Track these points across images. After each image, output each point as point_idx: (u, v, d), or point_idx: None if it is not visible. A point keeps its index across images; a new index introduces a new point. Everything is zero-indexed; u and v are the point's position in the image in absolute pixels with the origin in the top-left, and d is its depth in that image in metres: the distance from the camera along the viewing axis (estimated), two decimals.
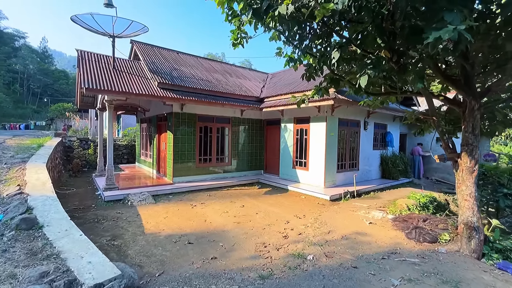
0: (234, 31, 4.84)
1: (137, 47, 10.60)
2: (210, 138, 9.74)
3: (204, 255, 3.96)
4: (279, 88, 10.83)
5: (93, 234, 4.54)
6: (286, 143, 9.99)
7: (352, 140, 9.66)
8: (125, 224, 5.20)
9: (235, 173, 10.40)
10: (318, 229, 5.17)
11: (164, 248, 4.17)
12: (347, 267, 3.62)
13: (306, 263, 3.73)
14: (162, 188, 7.95)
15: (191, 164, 9.16)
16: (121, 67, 8.82)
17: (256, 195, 8.09)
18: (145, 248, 4.15)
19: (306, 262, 3.76)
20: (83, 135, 18.87)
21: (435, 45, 2.60)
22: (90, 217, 5.54)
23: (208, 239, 4.60)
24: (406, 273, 3.43)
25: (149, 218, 5.60)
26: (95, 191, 7.95)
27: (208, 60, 13.76)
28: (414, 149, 12.15)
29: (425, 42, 2.59)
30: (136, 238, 4.55)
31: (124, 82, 7.77)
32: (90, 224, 5.11)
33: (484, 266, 3.61)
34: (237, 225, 5.37)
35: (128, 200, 6.76)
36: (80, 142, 12.99)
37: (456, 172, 4.22)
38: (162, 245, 4.28)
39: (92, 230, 4.77)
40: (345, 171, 9.30)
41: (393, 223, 5.13)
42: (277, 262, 3.78)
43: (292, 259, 3.86)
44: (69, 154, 11.92)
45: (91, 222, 5.22)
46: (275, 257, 3.97)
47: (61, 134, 13.64)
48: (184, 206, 6.61)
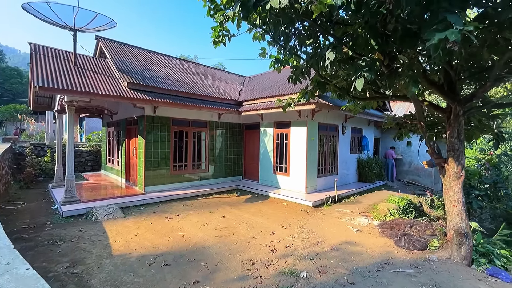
0: (216, 28, 4.44)
1: (104, 43, 9.66)
2: (186, 143, 9.12)
3: (184, 279, 3.46)
4: (258, 92, 10.56)
5: (46, 261, 3.80)
6: (266, 148, 9.70)
7: (331, 144, 9.68)
8: (88, 245, 4.47)
9: (213, 180, 9.86)
10: (306, 239, 4.89)
11: (137, 273, 3.58)
12: (343, 283, 3.36)
13: (300, 282, 3.40)
14: (133, 199, 7.18)
15: (165, 172, 8.46)
16: (84, 64, 7.90)
17: (236, 203, 7.65)
18: (113, 274, 3.53)
19: (299, 280, 3.44)
20: (38, 140, 16.89)
21: (438, 46, 2.46)
22: (43, 238, 4.70)
23: (188, 259, 4.09)
24: (404, 287, 3.25)
25: (117, 236, 4.91)
26: (51, 205, 6.93)
27: (183, 61, 13.09)
28: (387, 153, 12.60)
29: (428, 43, 2.45)
30: (101, 262, 3.89)
31: (88, 82, 6.93)
32: (44, 248, 4.30)
33: (477, 273, 3.58)
34: (219, 239, 4.90)
35: (92, 214, 5.95)
36: (35, 148, 11.51)
37: (443, 178, 4.21)
38: (134, 270, 3.69)
39: (45, 256, 4.00)
40: (325, 176, 9.25)
41: (380, 230, 5.04)
42: (268, 283, 3.40)
43: (284, 278, 3.51)
44: (20, 162, 10.47)
45: (45, 245, 4.41)
46: (265, 276, 3.60)
47: (11, 139, 12.01)
48: (158, 220, 5.96)
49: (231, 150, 10.54)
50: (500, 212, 5.90)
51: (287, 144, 8.97)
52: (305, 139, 8.35)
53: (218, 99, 9.84)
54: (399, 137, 6.58)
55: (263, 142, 9.84)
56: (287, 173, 8.91)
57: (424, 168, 12.05)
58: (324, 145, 9.24)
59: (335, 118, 9.64)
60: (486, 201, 6.07)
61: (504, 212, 5.83)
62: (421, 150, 11.60)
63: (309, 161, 8.40)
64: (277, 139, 9.34)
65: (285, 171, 9.00)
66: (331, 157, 9.67)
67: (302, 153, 8.41)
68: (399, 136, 6.57)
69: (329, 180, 9.24)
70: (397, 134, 6.74)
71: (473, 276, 3.50)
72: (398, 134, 6.69)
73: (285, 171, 9.02)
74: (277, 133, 9.33)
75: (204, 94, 9.41)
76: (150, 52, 11.46)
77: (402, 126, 6.21)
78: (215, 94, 9.96)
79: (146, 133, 8.00)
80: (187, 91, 8.89)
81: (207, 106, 8.83)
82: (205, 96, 9.39)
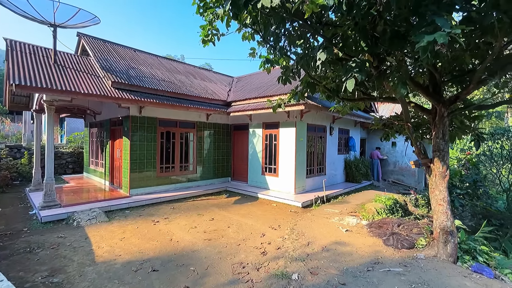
0: (205, 26, 4.35)
1: (86, 40, 9.28)
2: (173, 144, 8.91)
3: (173, 285, 3.34)
4: (247, 92, 10.50)
5: (23, 271, 3.56)
6: (255, 149, 9.65)
7: (320, 145, 9.77)
8: (69, 252, 4.24)
9: (201, 181, 9.69)
10: (296, 241, 4.87)
11: (122, 281, 3.42)
12: (335, 284, 3.36)
13: (292, 284, 3.36)
14: (117, 202, 6.91)
15: (151, 174, 8.22)
16: (65, 62, 7.55)
17: (225, 205, 7.54)
18: (96, 283, 3.35)
19: (291, 283, 3.40)
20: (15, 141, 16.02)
21: (426, 48, 2.51)
22: (20, 245, 4.42)
23: (177, 263, 3.96)
24: (394, 286, 3.29)
25: (101, 242, 4.69)
26: (28, 210, 6.56)
27: (170, 61, 12.82)
28: (373, 153, 12.88)
29: (417, 45, 2.49)
30: (83, 270, 3.69)
31: (69, 80, 6.61)
32: (20, 256, 4.04)
33: (462, 270, 3.68)
34: (208, 242, 4.79)
35: (74, 219, 5.67)
36: (10, 150, 10.87)
37: (429, 177, 4.32)
38: (119, 277, 3.52)
39: (22, 265, 3.75)
40: (314, 176, 9.31)
41: (369, 229, 5.10)
42: (260, 286, 3.34)
43: (276, 281, 3.47)
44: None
45: (22, 253, 4.14)
46: (256, 279, 3.53)
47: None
48: (144, 223, 5.76)
49: (220, 151, 10.41)
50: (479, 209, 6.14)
51: (276, 145, 8.96)
52: (294, 140, 8.37)
53: (206, 100, 9.70)
54: (386, 137, 6.70)
55: (252, 143, 9.79)
56: (276, 174, 8.89)
57: (408, 168, 12.41)
58: (312, 146, 9.30)
59: (323, 119, 9.74)
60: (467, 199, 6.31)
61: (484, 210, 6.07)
62: (405, 151, 11.95)
63: (298, 162, 8.43)
64: (266, 140, 9.32)
65: (274, 172, 8.98)
66: (319, 158, 9.75)
67: (291, 154, 8.42)
68: (386, 137, 6.70)
69: (317, 181, 9.31)
70: (383, 135, 6.87)
71: (459, 273, 3.59)
72: (384, 135, 6.81)
73: (274, 172, 9.00)
74: (266, 134, 9.30)
75: (192, 94, 9.24)
76: (136, 50, 11.14)
77: (389, 127, 6.33)
78: (203, 94, 9.81)
79: (131, 134, 7.74)
80: (174, 91, 8.70)
81: (195, 106, 8.67)
82: (193, 96, 9.22)
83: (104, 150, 9.55)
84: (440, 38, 2.33)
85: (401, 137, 7.71)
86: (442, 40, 2.32)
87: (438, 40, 2.33)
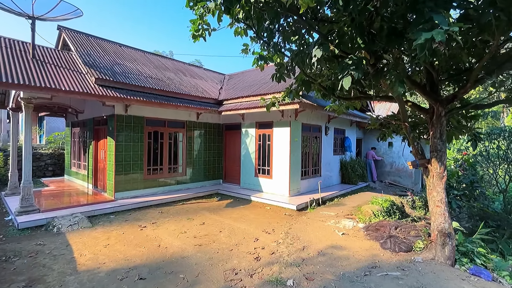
0: (195, 20, 4.12)
1: (68, 34, 8.80)
2: (161, 145, 8.58)
3: None
4: (240, 91, 10.27)
5: None
6: (248, 150, 9.44)
7: (315, 145, 9.63)
8: (49, 260, 3.92)
9: (191, 184, 9.39)
10: (291, 245, 4.70)
11: None
12: None
13: None
14: (101, 206, 6.54)
15: (138, 176, 7.87)
16: (45, 57, 7.11)
17: (217, 208, 7.30)
18: None
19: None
20: None
21: (424, 46, 2.40)
22: None
23: (165, 271, 3.71)
24: None
25: (83, 249, 4.37)
26: (4, 215, 6.12)
27: (158, 57, 12.41)
28: (368, 153, 12.78)
29: (415, 43, 2.39)
30: (64, 279, 3.40)
31: (49, 76, 6.20)
32: None
33: (460, 273, 3.60)
34: (198, 248, 4.55)
35: (54, 225, 5.30)
36: None
37: (426, 178, 4.24)
38: (103, 286, 3.26)
39: None
40: (309, 178, 9.17)
41: (366, 232, 4.99)
42: None
43: (271, 287, 3.28)
44: None
45: None
46: (250, 286, 3.34)
47: None
48: (130, 229, 5.45)
49: (211, 152, 10.13)
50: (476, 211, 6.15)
51: (269, 145, 8.77)
52: (288, 140, 8.21)
53: (197, 98, 9.40)
54: (383, 137, 6.63)
55: (245, 144, 9.56)
56: (270, 176, 8.71)
57: (405, 169, 12.41)
58: (307, 146, 9.16)
59: (318, 119, 9.61)
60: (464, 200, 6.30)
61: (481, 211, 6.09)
62: (402, 151, 12.01)
63: (293, 163, 8.27)
64: (259, 140, 9.11)
65: (268, 173, 8.79)
66: (315, 159, 9.62)
67: (285, 155, 8.25)
68: (383, 137, 6.62)
69: (312, 183, 9.17)
70: (380, 134, 6.79)
71: (457, 276, 3.51)
72: (381, 134, 6.73)
73: (267, 174, 8.81)
74: (259, 133, 9.10)
75: (182, 92, 8.93)
76: (121, 46, 10.69)
77: (386, 127, 6.25)
78: (193, 92, 9.50)
79: (116, 134, 7.37)
80: (163, 89, 8.36)
81: (184, 105, 8.36)
82: (182, 94, 8.91)
83: (87, 151, 9.09)
84: (438, 36, 2.25)
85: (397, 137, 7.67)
86: (440, 37, 2.24)
87: (436, 37, 2.26)
